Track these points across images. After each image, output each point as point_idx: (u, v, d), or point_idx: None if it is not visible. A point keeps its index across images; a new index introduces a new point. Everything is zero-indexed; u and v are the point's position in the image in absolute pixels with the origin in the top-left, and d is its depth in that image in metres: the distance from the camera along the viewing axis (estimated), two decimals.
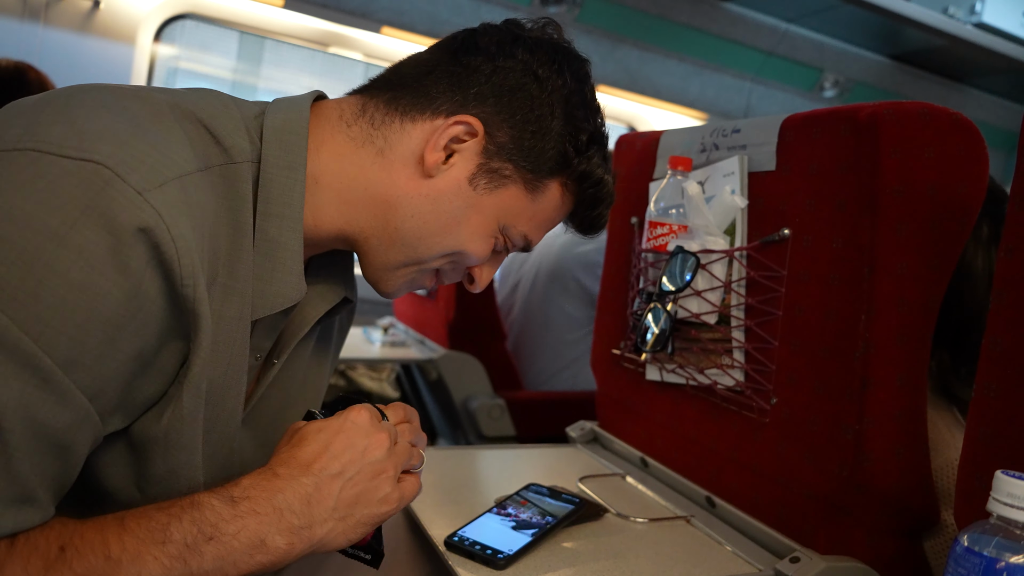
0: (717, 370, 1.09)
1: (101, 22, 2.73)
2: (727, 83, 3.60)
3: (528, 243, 0.89)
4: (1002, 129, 4.02)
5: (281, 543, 0.68)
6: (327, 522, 0.71)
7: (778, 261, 1.01)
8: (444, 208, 0.83)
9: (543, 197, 0.86)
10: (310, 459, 0.72)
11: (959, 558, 0.58)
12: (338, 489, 0.72)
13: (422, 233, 0.83)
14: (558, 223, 0.92)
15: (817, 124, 0.97)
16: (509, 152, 0.83)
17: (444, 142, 0.81)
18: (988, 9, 3.18)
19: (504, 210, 0.85)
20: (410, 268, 0.85)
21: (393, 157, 0.82)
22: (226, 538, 0.65)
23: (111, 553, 0.62)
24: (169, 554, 0.63)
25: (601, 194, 0.89)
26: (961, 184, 0.90)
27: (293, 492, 0.70)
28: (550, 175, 0.86)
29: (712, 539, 1.03)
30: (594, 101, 0.88)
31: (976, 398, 0.79)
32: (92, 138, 0.62)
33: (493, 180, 0.83)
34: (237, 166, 0.74)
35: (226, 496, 0.67)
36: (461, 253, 0.85)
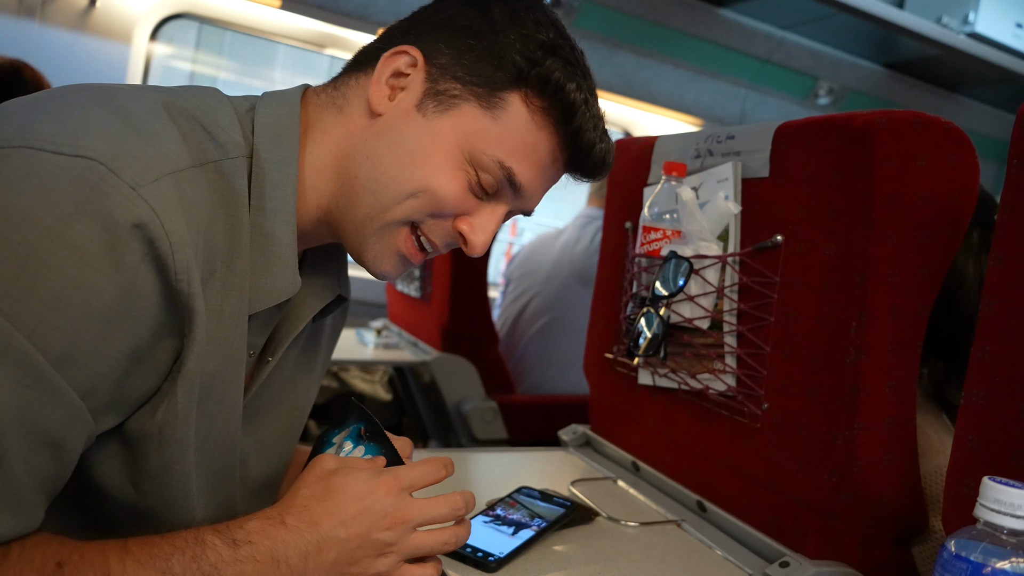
0: (709, 375, 1.10)
1: (97, 21, 2.73)
2: (722, 90, 3.62)
3: (510, 174, 0.80)
4: (994, 139, 4.04)
5: None
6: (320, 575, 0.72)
7: (771, 267, 1.02)
8: (395, 140, 0.79)
9: (505, 115, 0.79)
10: (321, 518, 0.73)
11: (946, 563, 0.58)
12: (335, 554, 0.73)
13: (378, 172, 0.79)
14: (546, 154, 0.82)
15: (811, 132, 0.98)
16: (453, 71, 0.79)
17: (386, 76, 0.80)
18: (981, 19, 3.20)
19: (462, 133, 0.79)
20: (376, 221, 0.80)
21: (350, 111, 0.82)
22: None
23: (111, 573, 0.62)
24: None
25: (570, 100, 0.80)
26: (953, 193, 0.91)
27: (294, 546, 0.71)
28: (505, 87, 0.79)
29: (703, 543, 1.03)
30: (548, 17, 0.83)
31: (964, 405, 0.79)
32: (86, 135, 0.62)
33: (442, 102, 0.79)
34: (232, 161, 0.74)
35: (229, 538, 0.69)
36: (426, 190, 0.79)
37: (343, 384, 2.83)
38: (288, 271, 0.78)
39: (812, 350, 0.96)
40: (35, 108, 0.66)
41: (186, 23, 3.05)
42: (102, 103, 0.67)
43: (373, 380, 2.90)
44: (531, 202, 0.85)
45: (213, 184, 0.72)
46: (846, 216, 0.92)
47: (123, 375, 0.65)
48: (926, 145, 0.89)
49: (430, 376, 2.43)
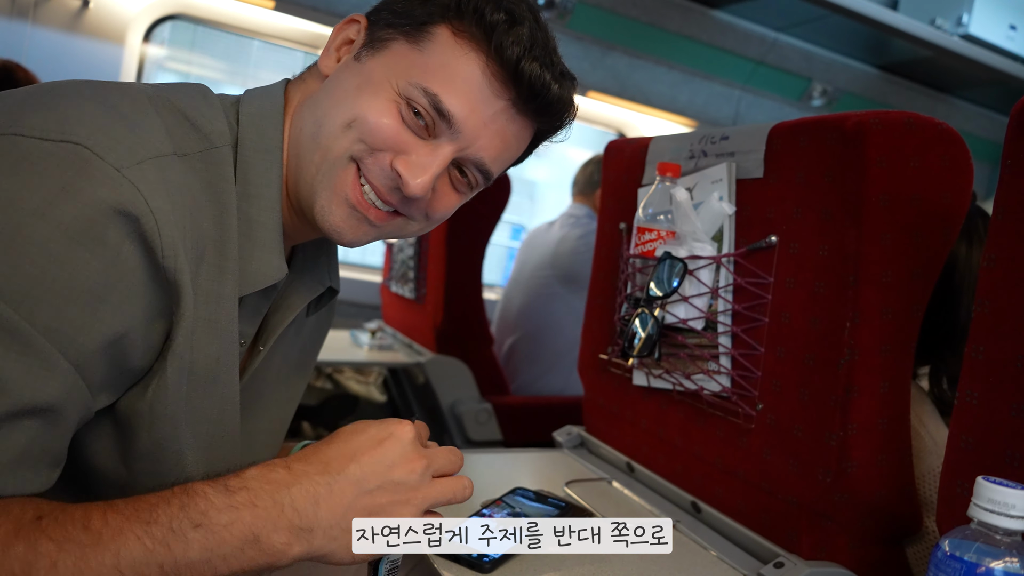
0: (703, 376, 1.10)
1: (90, 22, 2.72)
2: (716, 91, 3.62)
3: (436, 101, 0.78)
4: (987, 140, 4.05)
5: (278, 541, 0.64)
6: (331, 530, 0.66)
7: (765, 268, 1.02)
8: (335, 87, 0.82)
9: (431, 45, 0.79)
10: (331, 459, 0.69)
11: (940, 563, 0.58)
12: (351, 497, 0.67)
13: (318, 116, 0.81)
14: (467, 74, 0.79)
15: (804, 132, 0.98)
16: (387, 19, 0.82)
17: (335, 44, 0.85)
18: (975, 21, 3.21)
19: (392, 67, 0.80)
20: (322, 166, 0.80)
21: (311, 81, 0.86)
22: (216, 528, 0.61)
23: (92, 526, 0.59)
24: (152, 535, 0.59)
25: (487, 21, 0.78)
26: (945, 194, 0.91)
27: (302, 490, 0.66)
28: (431, 22, 0.80)
29: (697, 544, 1.03)
30: None
31: (958, 405, 0.79)
32: (72, 123, 0.64)
33: (375, 47, 0.82)
34: (218, 150, 0.76)
35: (221, 485, 0.64)
36: (359, 119, 0.78)
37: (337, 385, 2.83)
38: (274, 256, 0.80)
39: (805, 351, 0.96)
40: (24, 99, 0.68)
41: (179, 24, 3.04)
42: (89, 95, 0.69)
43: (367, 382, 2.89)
44: (476, 142, 0.81)
45: (198, 172, 0.74)
46: (839, 217, 0.92)
47: (116, 353, 0.66)
48: (919, 146, 0.90)
49: (424, 377, 2.43)
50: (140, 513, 0.60)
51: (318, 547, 0.66)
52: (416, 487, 0.71)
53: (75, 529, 0.58)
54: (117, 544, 0.58)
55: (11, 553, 0.55)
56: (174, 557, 0.60)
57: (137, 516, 0.60)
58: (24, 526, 0.57)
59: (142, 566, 0.58)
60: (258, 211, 0.79)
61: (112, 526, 0.59)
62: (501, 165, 0.87)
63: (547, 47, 0.82)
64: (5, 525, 0.57)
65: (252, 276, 0.79)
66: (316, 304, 0.95)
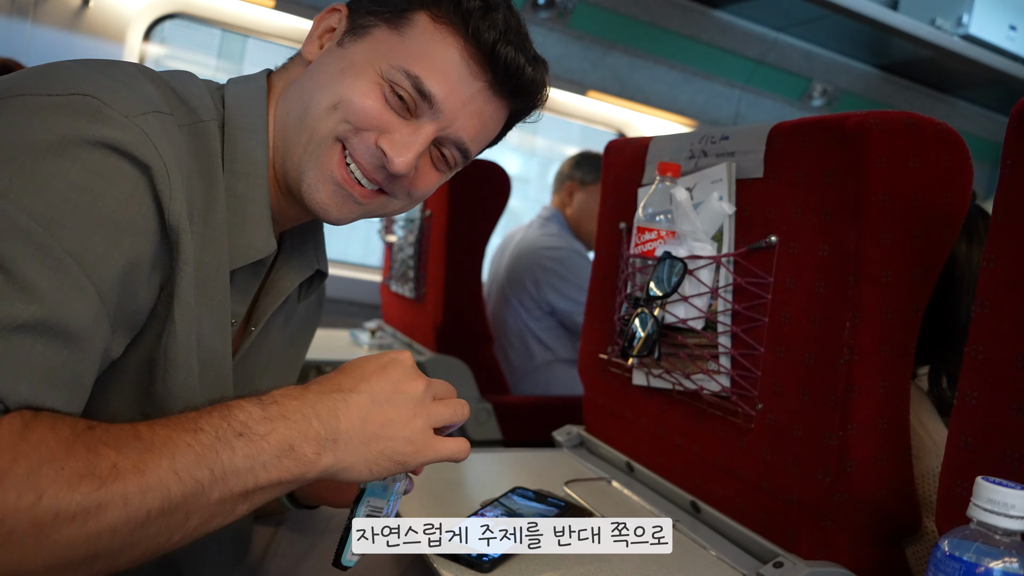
0: (703, 375, 1.10)
1: (90, 20, 2.72)
2: (716, 91, 3.62)
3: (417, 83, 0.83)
4: (987, 141, 4.05)
5: (309, 451, 0.67)
6: (351, 442, 0.70)
7: (765, 268, 1.02)
8: (318, 72, 0.86)
9: (412, 30, 0.84)
10: (343, 381, 0.73)
11: (940, 563, 0.58)
12: (366, 409, 0.72)
13: (304, 99, 0.85)
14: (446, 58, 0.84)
15: (805, 132, 0.98)
16: (368, 7, 0.86)
17: (319, 32, 0.88)
18: (975, 21, 3.21)
19: (374, 52, 0.84)
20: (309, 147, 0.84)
21: (294, 69, 0.90)
22: (255, 437, 0.65)
23: (142, 435, 0.61)
24: (200, 442, 0.62)
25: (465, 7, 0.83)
26: (946, 193, 0.91)
27: (323, 405, 0.70)
28: (411, 8, 0.84)
29: (696, 544, 1.03)
30: None
31: (958, 405, 0.79)
32: (76, 81, 0.68)
33: (357, 33, 0.86)
34: (205, 124, 0.80)
35: (255, 399, 0.68)
36: (344, 101, 0.83)
37: None
38: (262, 231, 0.83)
39: (805, 351, 0.96)
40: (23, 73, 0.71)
41: (179, 23, 3.04)
42: (85, 64, 0.73)
43: None
44: (456, 122, 0.86)
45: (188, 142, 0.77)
46: (839, 217, 0.92)
47: (129, 286, 0.68)
48: (919, 146, 0.90)
49: None
50: (185, 424, 0.63)
51: (342, 458, 0.70)
52: (421, 403, 0.76)
53: (127, 437, 0.60)
54: (170, 449, 0.60)
55: (74, 455, 0.56)
56: (222, 462, 0.62)
57: (183, 426, 0.63)
58: (80, 433, 0.59)
59: (194, 469, 0.61)
60: (246, 187, 0.82)
61: (161, 435, 0.61)
62: (479, 145, 0.92)
63: (520, 32, 0.87)
64: (63, 430, 0.58)
65: (243, 250, 0.82)
66: (307, 288, 0.99)
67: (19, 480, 0.53)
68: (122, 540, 0.58)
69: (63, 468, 0.55)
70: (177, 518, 0.61)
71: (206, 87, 0.83)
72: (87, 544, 0.56)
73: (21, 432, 0.56)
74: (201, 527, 0.63)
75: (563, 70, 3.27)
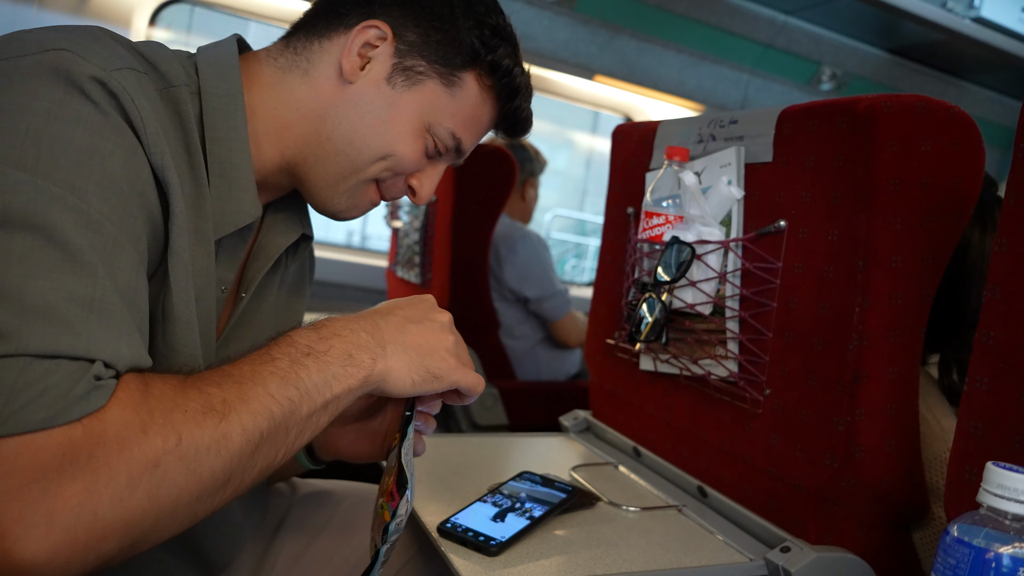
0: (711, 361, 1.10)
1: (96, 5, 2.71)
2: (725, 75, 3.60)
3: (459, 143, 0.93)
4: (999, 125, 4.02)
5: (365, 357, 0.75)
6: (396, 349, 0.78)
7: (773, 253, 1.01)
8: (367, 109, 0.88)
9: (461, 92, 0.91)
10: (378, 310, 0.82)
11: (949, 548, 0.58)
12: (401, 324, 0.79)
13: (352, 137, 0.88)
14: (486, 123, 0.96)
15: (814, 116, 0.97)
16: (420, 49, 0.89)
17: (357, 48, 0.88)
18: (987, 4, 3.17)
19: (425, 106, 0.90)
20: (349, 180, 0.90)
21: (316, 74, 0.89)
22: (320, 354, 0.72)
23: (230, 373, 0.67)
24: (280, 368, 0.69)
25: (515, 84, 0.94)
26: (957, 178, 0.90)
27: (365, 321, 0.78)
28: (463, 68, 0.91)
29: (703, 528, 1.04)
30: (495, 4, 0.94)
31: (968, 391, 0.79)
32: (48, 40, 0.68)
33: (409, 77, 0.89)
34: (176, 89, 0.80)
35: (308, 327, 0.75)
36: (393, 155, 0.90)
37: None
38: (248, 195, 0.84)
39: (813, 336, 0.95)
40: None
41: (184, 8, 3.03)
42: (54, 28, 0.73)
43: None
44: (463, 158, 0.98)
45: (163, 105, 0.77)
46: (849, 201, 0.92)
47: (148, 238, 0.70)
48: (930, 130, 0.89)
49: None
50: (260, 357, 0.70)
51: (391, 364, 0.77)
52: (449, 329, 0.83)
53: (221, 376, 0.66)
54: (261, 378, 0.67)
55: (191, 397, 0.63)
56: (302, 380, 0.70)
57: (260, 359, 0.69)
58: (184, 379, 0.65)
59: (285, 390, 0.68)
60: (228, 152, 0.83)
61: (246, 370, 0.68)
62: None
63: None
64: (171, 380, 0.64)
65: (231, 215, 0.83)
66: (294, 252, 1.00)
67: (160, 428, 0.59)
68: (246, 462, 0.65)
69: (187, 410, 0.61)
70: (281, 434, 0.68)
71: (175, 56, 0.83)
72: (224, 469, 0.63)
73: (143, 389, 0.61)
74: (297, 442, 0.71)
75: (570, 54, 3.25)
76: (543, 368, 2.83)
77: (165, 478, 0.59)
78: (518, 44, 0.96)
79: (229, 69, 0.86)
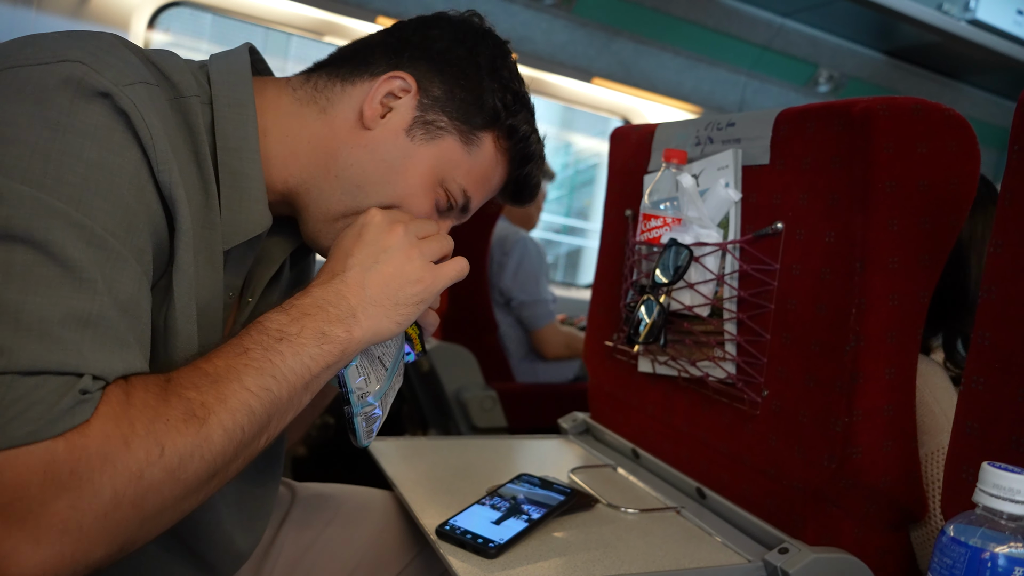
0: (709, 362, 1.10)
1: (94, 8, 2.71)
2: (722, 77, 3.60)
3: (468, 200, 0.94)
4: (995, 126, 4.03)
5: (339, 331, 0.75)
6: (367, 309, 0.78)
7: (771, 254, 1.02)
8: (382, 156, 0.88)
9: (478, 151, 0.92)
10: (333, 266, 0.81)
11: (945, 548, 0.58)
12: (362, 279, 0.79)
13: (361, 181, 0.88)
14: (496, 184, 0.97)
15: (811, 118, 0.97)
16: (443, 104, 0.89)
17: (381, 96, 0.88)
18: (982, 6, 3.19)
19: (441, 161, 0.90)
20: (348, 219, 0.89)
21: (335, 113, 0.89)
22: (292, 336, 0.72)
23: (206, 370, 0.67)
24: (253, 358, 0.69)
25: (530, 151, 0.96)
26: (953, 180, 0.91)
27: (327, 292, 0.77)
28: (483, 128, 0.91)
29: (702, 530, 1.04)
30: (517, 72, 0.95)
31: (964, 391, 0.79)
32: (63, 48, 0.68)
33: (429, 131, 0.89)
34: (187, 100, 0.79)
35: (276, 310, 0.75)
36: (403, 206, 0.89)
37: None
38: (259, 205, 0.84)
39: (811, 337, 0.96)
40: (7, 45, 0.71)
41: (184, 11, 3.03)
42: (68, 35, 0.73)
43: None
44: (467, 218, 0.98)
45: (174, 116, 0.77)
46: (846, 203, 0.92)
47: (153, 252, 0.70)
48: (926, 132, 0.89)
49: (429, 365, 2.44)
50: (232, 349, 0.70)
51: (368, 326, 0.78)
52: (408, 245, 0.82)
53: (197, 376, 0.66)
54: (235, 373, 0.68)
55: (172, 404, 0.63)
56: (278, 367, 0.70)
57: (231, 352, 0.70)
58: (164, 385, 0.65)
59: (259, 380, 0.69)
60: (239, 162, 0.83)
61: (220, 366, 0.68)
62: None
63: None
64: (153, 388, 0.64)
65: (241, 226, 0.83)
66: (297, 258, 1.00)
67: (143, 440, 0.60)
68: (229, 457, 0.66)
69: (169, 419, 0.62)
70: (262, 423, 0.69)
71: (187, 65, 0.83)
72: (207, 470, 0.64)
73: (125, 399, 0.61)
74: (280, 423, 0.72)
75: (568, 57, 3.26)
76: (539, 375, 2.84)
77: (150, 488, 0.60)
78: (534, 113, 0.97)
79: (240, 78, 0.85)
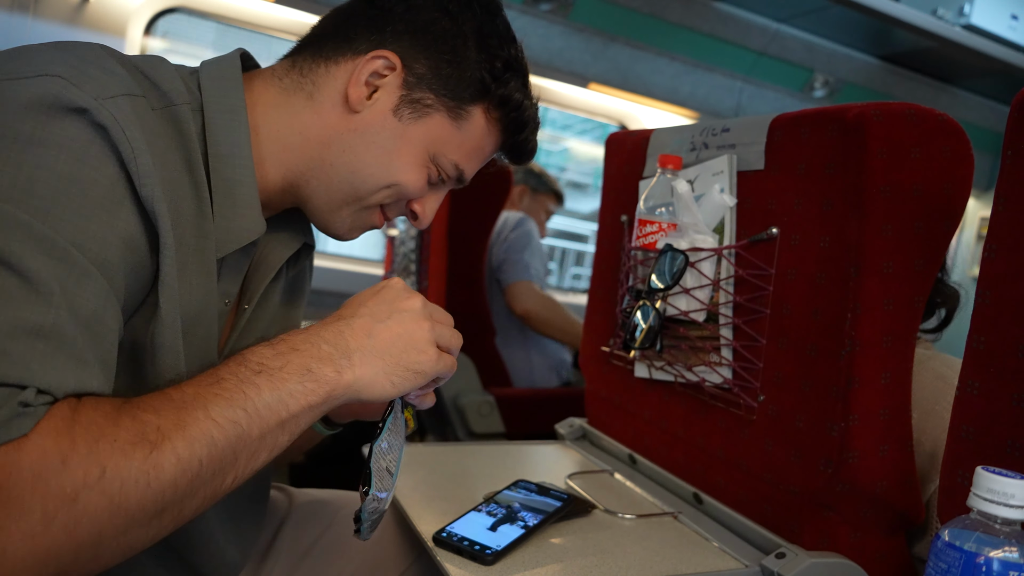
0: (705, 367, 1.10)
1: (91, 15, 2.71)
2: (718, 82, 3.61)
3: (461, 173, 0.94)
4: (989, 131, 4.04)
5: (328, 371, 0.72)
6: (366, 356, 0.75)
7: (766, 259, 1.02)
8: (373, 140, 0.88)
9: (468, 124, 0.91)
10: (343, 312, 0.79)
11: (940, 552, 0.59)
12: (369, 327, 0.76)
13: (356, 167, 0.88)
14: (489, 153, 0.97)
15: (806, 124, 0.98)
16: (428, 82, 0.89)
17: (364, 77, 0.87)
18: (977, 11, 3.20)
19: (431, 138, 0.90)
20: (352, 205, 0.91)
21: (322, 99, 0.88)
22: (273, 370, 0.69)
23: (172, 396, 0.64)
24: (226, 388, 0.66)
25: (524, 118, 0.95)
26: (947, 185, 0.91)
27: (326, 331, 0.75)
28: (471, 102, 0.90)
29: (699, 535, 1.04)
30: (507, 32, 0.93)
31: (959, 396, 0.80)
32: (45, 63, 0.68)
33: (416, 110, 0.89)
34: (177, 108, 0.78)
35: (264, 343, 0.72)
36: (397, 185, 0.90)
37: None
38: (253, 212, 0.84)
39: (807, 342, 0.96)
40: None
41: (180, 18, 3.04)
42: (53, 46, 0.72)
43: None
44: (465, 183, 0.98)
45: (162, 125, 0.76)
46: (840, 208, 0.92)
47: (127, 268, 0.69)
48: (920, 137, 0.90)
49: None
50: (207, 379, 0.67)
51: (361, 373, 0.74)
52: (422, 316, 0.80)
53: (161, 401, 0.63)
54: (202, 401, 0.64)
55: (122, 426, 0.60)
56: (251, 400, 0.66)
57: (205, 381, 0.67)
58: (120, 406, 0.62)
59: (228, 412, 0.65)
60: (232, 170, 0.82)
61: (189, 393, 0.65)
62: None
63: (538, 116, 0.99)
64: (105, 407, 0.61)
65: (235, 233, 0.82)
66: (294, 260, 1.00)
67: (82, 459, 0.56)
68: (183, 491, 0.62)
69: (116, 440, 0.58)
70: (227, 459, 0.64)
71: (177, 72, 0.82)
72: (154, 502, 0.60)
73: (71, 416, 0.58)
74: (251, 463, 0.67)
75: (564, 63, 3.27)
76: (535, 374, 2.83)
77: (85, 512, 0.56)
78: (528, 73, 0.95)
79: (232, 84, 0.84)
